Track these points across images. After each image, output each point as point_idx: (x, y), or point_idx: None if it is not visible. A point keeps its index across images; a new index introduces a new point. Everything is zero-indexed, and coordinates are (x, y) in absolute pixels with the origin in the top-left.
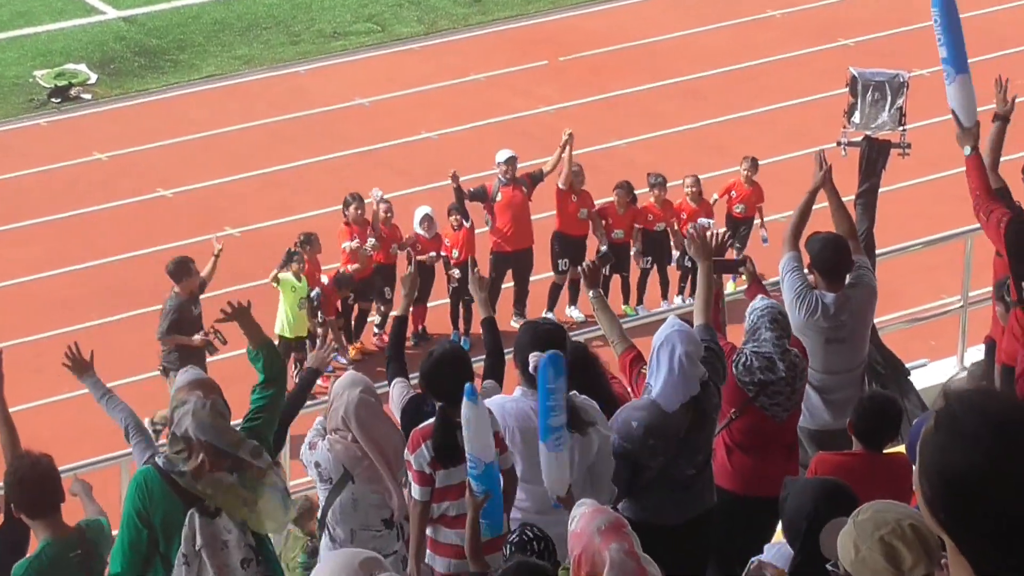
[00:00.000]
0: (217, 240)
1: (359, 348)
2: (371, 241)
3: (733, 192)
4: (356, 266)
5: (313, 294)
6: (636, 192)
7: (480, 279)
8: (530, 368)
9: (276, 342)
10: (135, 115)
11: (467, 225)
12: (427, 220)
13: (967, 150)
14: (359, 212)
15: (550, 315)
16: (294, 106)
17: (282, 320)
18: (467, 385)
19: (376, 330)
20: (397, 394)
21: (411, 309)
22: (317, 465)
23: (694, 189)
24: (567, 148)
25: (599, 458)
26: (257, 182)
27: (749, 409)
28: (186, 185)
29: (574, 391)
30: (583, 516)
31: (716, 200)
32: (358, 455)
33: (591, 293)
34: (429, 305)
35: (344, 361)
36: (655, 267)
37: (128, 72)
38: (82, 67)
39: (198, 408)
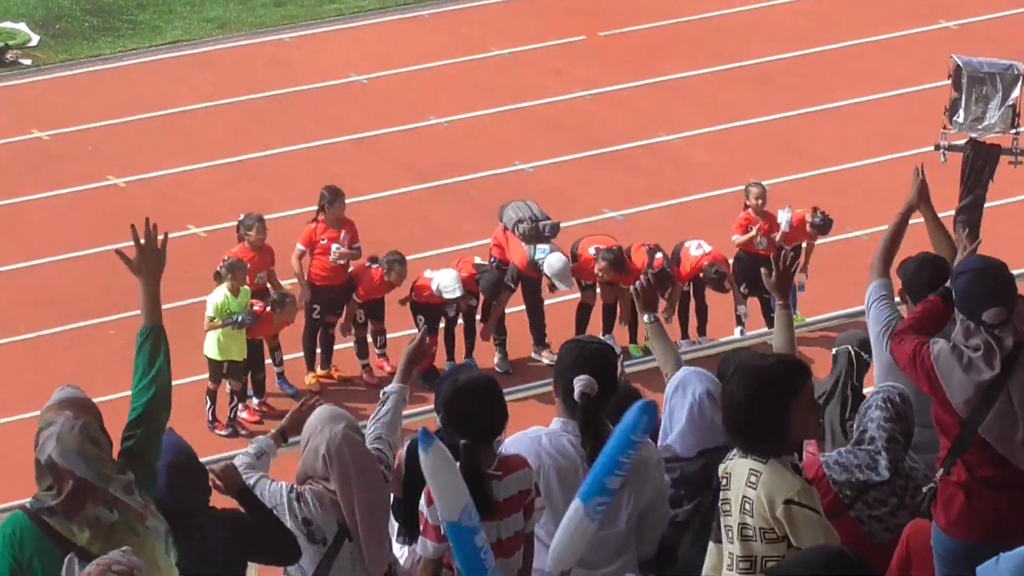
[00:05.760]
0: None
1: (323, 377)
2: (336, 249)
3: (752, 228)
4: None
5: (240, 318)
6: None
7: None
8: (575, 394)
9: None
10: (83, 86)
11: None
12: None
13: None
14: (260, 237)
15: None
16: (276, 81)
17: (214, 341)
18: (420, 431)
19: (379, 350)
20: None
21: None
22: (307, 523)
23: (758, 201)
24: None
25: (653, 506)
26: (228, 172)
27: (843, 520)
28: (142, 173)
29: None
30: None
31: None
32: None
33: (646, 317)
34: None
35: (291, 391)
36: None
37: (76, 34)
38: (21, 26)
39: (65, 430)
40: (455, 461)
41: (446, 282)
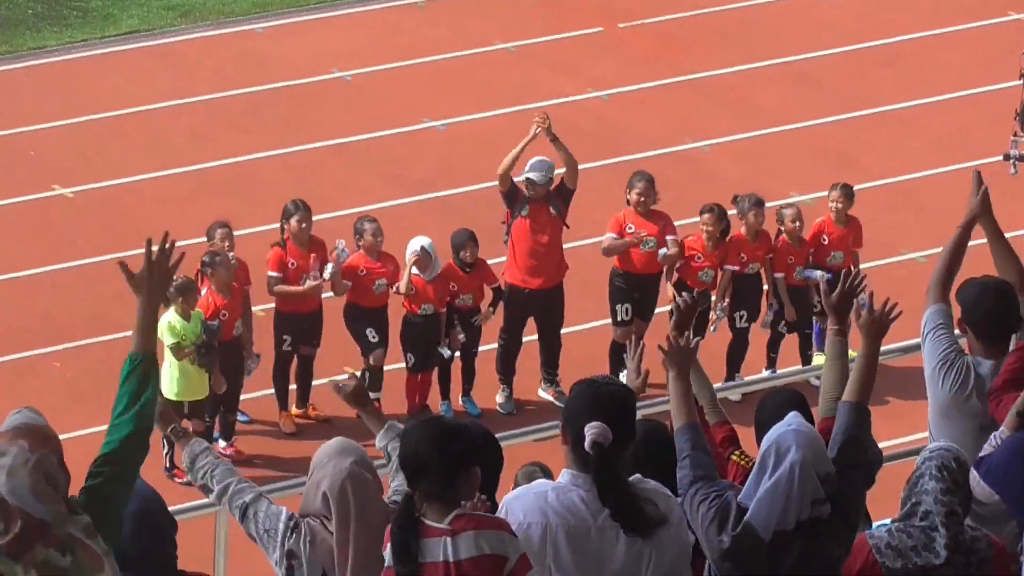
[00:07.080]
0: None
1: (300, 415)
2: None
3: (825, 237)
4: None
5: (207, 332)
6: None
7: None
8: (586, 444)
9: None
10: (26, 82)
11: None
12: (425, 257)
13: None
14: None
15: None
16: (246, 77)
17: (169, 378)
18: None
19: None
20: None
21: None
22: (291, 555)
23: (795, 224)
24: (538, 137)
25: (676, 568)
26: (191, 181)
27: None
28: (93, 182)
29: (638, 475)
30: None
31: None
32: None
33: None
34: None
35: (244, 419)
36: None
37: (18, 22)
38: None
39: (17, 463)
40: None
41: (413, 245)
